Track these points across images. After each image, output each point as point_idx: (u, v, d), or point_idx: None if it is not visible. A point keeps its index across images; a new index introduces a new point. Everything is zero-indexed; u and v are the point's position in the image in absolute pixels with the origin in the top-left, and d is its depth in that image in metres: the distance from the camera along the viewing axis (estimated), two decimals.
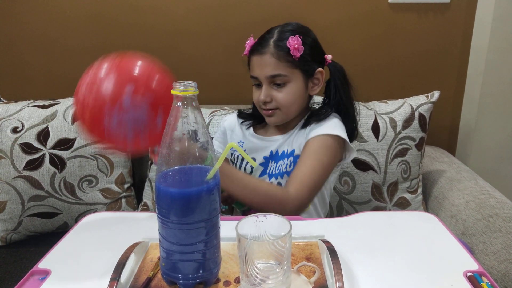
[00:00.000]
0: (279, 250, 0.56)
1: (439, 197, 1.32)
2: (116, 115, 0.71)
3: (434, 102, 1.36)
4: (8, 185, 1.27)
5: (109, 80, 0.73)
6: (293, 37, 0.95)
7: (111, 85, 0.72)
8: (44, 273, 0.65)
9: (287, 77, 0.97)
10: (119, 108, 0.71)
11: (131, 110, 0.72)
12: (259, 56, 0.97)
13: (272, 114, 1.01)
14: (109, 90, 0.72)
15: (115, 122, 0.71)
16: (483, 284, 0.60)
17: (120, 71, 0.75)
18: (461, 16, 1.53)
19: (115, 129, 0.72)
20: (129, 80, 0.74)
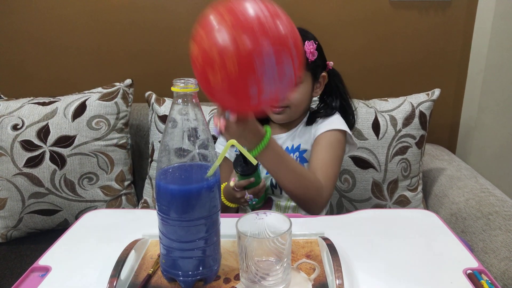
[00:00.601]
0: (279, 247, 0.57)
1: (439, 195, 1.32)
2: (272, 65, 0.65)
3: (434, 100, 1.36)
4: (8, 182, 1.27)
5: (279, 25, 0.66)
6: (308, 41, 1.00)
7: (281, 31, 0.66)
8: (44, 269, 0.66)
9: (300, 78, 1.01)
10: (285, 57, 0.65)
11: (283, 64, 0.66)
12: None
13: (282, 112, 1.05)
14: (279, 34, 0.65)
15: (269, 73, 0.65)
16: (482, 282, 0.60)
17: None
18: (462, 14, 1.53)
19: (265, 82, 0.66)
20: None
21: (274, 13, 0.67)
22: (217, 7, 0.69)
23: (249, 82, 0.65)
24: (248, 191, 0.99)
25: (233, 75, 0.64)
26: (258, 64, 0.64)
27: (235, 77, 0.63)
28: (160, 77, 1.54)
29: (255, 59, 0.64)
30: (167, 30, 1.56)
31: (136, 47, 1.57)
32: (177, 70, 1.57)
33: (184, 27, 1.55)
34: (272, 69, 0.65)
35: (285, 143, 1.09)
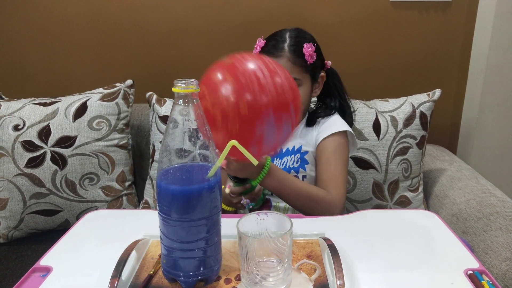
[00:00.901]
0: (280, 248, 0.57)
1: (440, 196, 1.32)
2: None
3: (435, 101, 1.36)
4: (9, 183, 1.27)
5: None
6: (307, 44, 1.01)
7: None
8: (45, 270, 0.66)
9: (300, 81, 1.01)
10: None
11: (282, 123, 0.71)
12: (275, 58, 0.98)
13: None
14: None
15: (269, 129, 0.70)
16: (483, 282, 0.60)
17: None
18: (463, 14, 1.53)
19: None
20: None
21: (273, 71, 0.71)
22: (221, 65, 0.73)
23: (250, 142, 0.68)
24: (244, 196, 0.99)
25: (234, 134, 0.68)
26: (258, 126, 0.68)
27: (236, 136, 0.64)
28: (161, 78, 1.55)
29: (255, 122, 0.68)
30: (168, 30, 1.56)
31: (137, 47, 1.57)
32: (178, 70, 1.58)
33: (185, 28, 1.55)
34: (271, 128, 0.69)
35: (288, 144, 1.09)
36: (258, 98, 0.68)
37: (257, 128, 0.69)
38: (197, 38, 1.57)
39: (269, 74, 0.70)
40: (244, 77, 0.69)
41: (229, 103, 0.68)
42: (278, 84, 0.70)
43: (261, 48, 1.05)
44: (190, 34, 1.56)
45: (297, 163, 1.07)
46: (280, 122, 0.70)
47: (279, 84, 0.70)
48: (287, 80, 0.73)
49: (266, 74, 0.70)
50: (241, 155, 0.74)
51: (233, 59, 0.73)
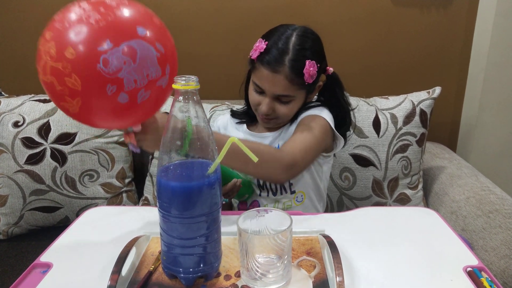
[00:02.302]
0: (280, 245, 0.57)
1: (439, 193, 1.32)
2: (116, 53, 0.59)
3: (435, 98, 1.36)
4: (9, 179, 1.27)
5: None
6: (310, 62, 0.93)
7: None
8: (45, 266, 0.66)
9: (294, 97, 0.98)
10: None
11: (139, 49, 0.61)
12: (272, 73, 0.94)
13: (270, 122, 1.02)
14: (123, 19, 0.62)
15: (114, 62, 0.59)
16: (482, 280, 0.60)
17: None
18: (463, 12, 1.53)
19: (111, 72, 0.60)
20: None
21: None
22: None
23: (98, 84, 0.60)
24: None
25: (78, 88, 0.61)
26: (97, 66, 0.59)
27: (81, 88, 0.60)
28: None
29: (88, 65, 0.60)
30: (167, 27, 1.55)
31: None
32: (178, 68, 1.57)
33: (185, 26, 1.55)
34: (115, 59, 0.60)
35: (274, 143, 1.05)
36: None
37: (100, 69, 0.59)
38: (197, 36, 1.56)
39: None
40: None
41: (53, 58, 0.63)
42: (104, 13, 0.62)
43: (260, 53, 0.96)
44: (190, 32, 1.56)
45: None
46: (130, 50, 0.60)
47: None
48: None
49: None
50: (134, 118, 0.68)
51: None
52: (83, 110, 0.63)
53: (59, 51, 0.62)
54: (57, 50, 0.62)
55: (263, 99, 0.98)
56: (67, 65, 0.61)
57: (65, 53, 0.61)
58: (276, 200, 1.04)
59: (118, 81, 0.60)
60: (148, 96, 0.64)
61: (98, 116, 0.65)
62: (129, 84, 0.61)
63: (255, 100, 1.01)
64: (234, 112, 1.18)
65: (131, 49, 0.61)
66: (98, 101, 0.62)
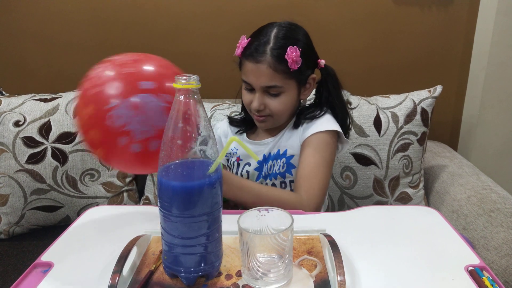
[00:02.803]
0: (281, 244, 0.57)
1: (440, 192, 1.32)
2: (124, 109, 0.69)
3: (436, 97, 1.35)
4: (10, 179, 1.27)
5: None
6: (291, 47, 0.92)
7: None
8: (46, 265, 0.66)
9: (282, 88, 0.95)
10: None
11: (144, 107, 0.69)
12: (255, 64, 0.94)
13: (264, 120, 1.01)
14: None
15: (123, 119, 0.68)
16: (484, 279, 0.60)
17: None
18: (464, 11, 1.53)
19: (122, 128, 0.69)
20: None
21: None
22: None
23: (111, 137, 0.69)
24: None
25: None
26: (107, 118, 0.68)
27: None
28: None
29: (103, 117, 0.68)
30: (168, 28, 1.55)
31: (137, 44, 1.57)
32: (179, 66, 1.57)
33: (185, 26, 1.55)
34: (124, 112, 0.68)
35: (273, 149, 1.04)
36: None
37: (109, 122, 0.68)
38: (198, 36, 1.56)
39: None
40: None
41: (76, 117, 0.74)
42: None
43: (243, 48, 0.97)
44: (191, 32, 1.56)
45: (283, 168, 1.02)
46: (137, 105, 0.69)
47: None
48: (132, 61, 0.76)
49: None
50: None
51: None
52: (106, 158, 0.75)
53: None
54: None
55: (253, 96, 0.98)
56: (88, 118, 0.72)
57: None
58: None
59: (129, 133, 0.69)
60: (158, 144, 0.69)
61: (122, 166, 0.78)
62: (138, 135, 0.69)
63: (247, 100, 1.00)
64: (231, 120, 1.17)
65: (136, 105, 0.69)
66: (116, 151, 0.71)
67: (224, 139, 1.16)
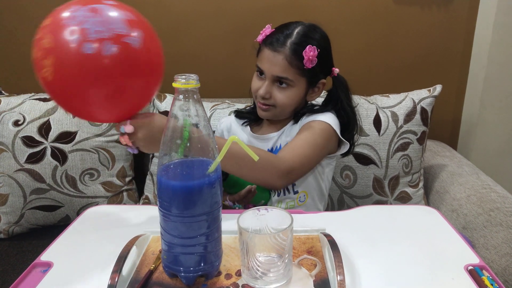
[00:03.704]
0: (281, 243, 0.57)
1: (440, 191, 1.32)
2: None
3: (436, 96, 1.35)
4: (10, 178, 1.27)
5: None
6: (311, 47, 0.94)
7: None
8: (46, 265, 0.66)
9: (292, 82, 0.98)
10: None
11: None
12: (272, 52, 0.96)
13: (267, 109, 1.02)
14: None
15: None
16: (484, 278, 0.60)
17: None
18: (464, 10, 1.52)
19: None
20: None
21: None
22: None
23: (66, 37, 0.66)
24: (229, 197, 0.97)
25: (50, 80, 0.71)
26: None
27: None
28: None
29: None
30: (168, 27, 1.55)
31: None
32: (178, 67, 1.57)
33: (185, 25, 1.55)
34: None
35: (276, 143, 1.06)
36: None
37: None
38: (198, 35, 1.56)
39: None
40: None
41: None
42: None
43: (266, 35, 1.00)
44: (191, 31, 1.56)
45: None
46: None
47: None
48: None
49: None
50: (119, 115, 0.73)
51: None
52: (56, 71, 0.70)
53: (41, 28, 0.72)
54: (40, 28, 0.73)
55: (262, 83, 1.00)
56: (44, 31, 0.71)
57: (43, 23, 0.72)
58: (280, 201, 1.03)
59: (82, 31, 0.65)
60: (116, 51, 0.67)
61: (72, 80, 0.70)
62: (92, 34, 0.65)
63: (255, 86, 1.02)
64: (238, 112, 1.18)
65: (96, 8, 0.68)
66: (67, 55, 0.67)
67: (227, 133, 1.18)
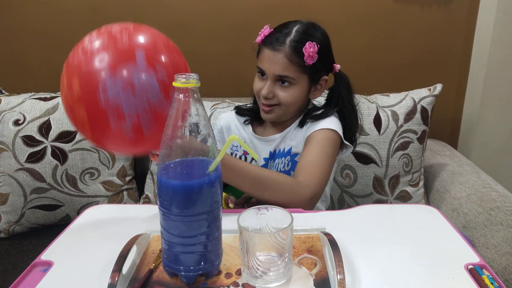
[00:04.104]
0: (281, 243, 0.57)
1: (440, 191, 1.32)
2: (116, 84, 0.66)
3: (436, 95, 1.35)
4: (10, 178, 1.27)
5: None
6: (310, 43, 0.94)
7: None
8: (46, 264, 0.66)
9: (294, 80, 0.97)
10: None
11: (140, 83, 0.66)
12: (272, 51, 0.96)
13: (270, 111, 1.01)
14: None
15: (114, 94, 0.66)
16: (484, 277, 0.60)
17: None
18: (465, 9, 1.52)
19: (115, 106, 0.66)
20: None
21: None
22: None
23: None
24: (235, 201, 0.97)
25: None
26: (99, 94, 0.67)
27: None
28: None
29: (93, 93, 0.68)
30: (168, 25, 1.55)
31: None
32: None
33: (185, 23, 1.55)
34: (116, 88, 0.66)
35: (279, 146, 1.05)
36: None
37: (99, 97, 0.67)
38: (198, 34, 1.56)
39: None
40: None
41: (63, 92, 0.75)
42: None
43: (264, 36, 1.00)
44: (191, 30, 1.56)
45: (288, 165, 1.02)
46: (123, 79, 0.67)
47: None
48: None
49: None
50: (150, 145, 0.74)
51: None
52: (95, 138, 0.71)
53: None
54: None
55: (264, 83, 0.99)
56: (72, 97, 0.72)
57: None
58: None
59: (119, 111, 0.66)
60: (151, 120, 0.68)
61: (114, 144, 0.72)
62: (128, 112, 0.66)
63: (257, 87, 1.02)
64: (239, 108, 1.17)
65: (128, 82, 0.67)
66: (104, 130, 0.68)
67: (226, 130, 1.17)
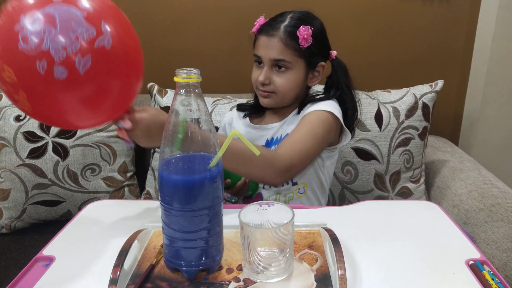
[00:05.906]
0: (282, 238, 0.57)
1: (441, 187, 1.32)
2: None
3: (437, 92, 1.35)
4: (11, 173, 1.27)
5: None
6: (304, 26, 0.96)
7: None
8: (48, 259, 0.66)
9: (290, 64, 0.98)
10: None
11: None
12: (267, 37, 0.98)
13: (268, 96, 1.03)
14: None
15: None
16: (485, 273, 0.60)
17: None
18: (466, 5, 1.52)
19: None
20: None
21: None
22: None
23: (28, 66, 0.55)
24: (227, 190, 0.97)
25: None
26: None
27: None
28: (162, 68, 1.54)
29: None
30: (170, 21, 1.55)
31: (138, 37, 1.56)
32: (179, 61, 1.57)
33: (186, 19, 1.55)
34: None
35: (276, 134, 1.05)
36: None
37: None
38: (199, 30, 1.56)
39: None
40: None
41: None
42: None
43: (260, 25, 1.02)
44: (192, 26, 1.55)
45: None
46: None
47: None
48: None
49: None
50: (114, 111, 0.69)
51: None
52: (33, 104, 0.59)
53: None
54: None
55: (261, 71, 1.00)
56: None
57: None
58: (278, 192, 1.03)
59: (45, 54, 0.55)
60: (90, 63, 0.60)
61: (54, 107, 0.61)
62: (57, 54, 0.56)
63: (255, 76, 1.03)
64: (240, 105, 1.20)
65: (48, 16, 0.56)
66: (37, 86, 0.57)
67: (229, 127, 1.19)
